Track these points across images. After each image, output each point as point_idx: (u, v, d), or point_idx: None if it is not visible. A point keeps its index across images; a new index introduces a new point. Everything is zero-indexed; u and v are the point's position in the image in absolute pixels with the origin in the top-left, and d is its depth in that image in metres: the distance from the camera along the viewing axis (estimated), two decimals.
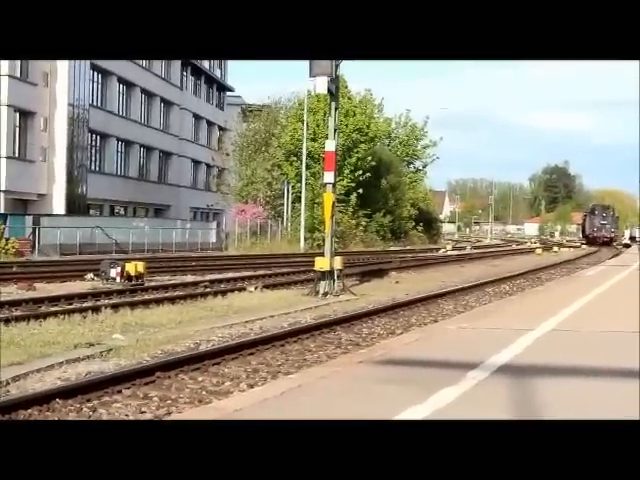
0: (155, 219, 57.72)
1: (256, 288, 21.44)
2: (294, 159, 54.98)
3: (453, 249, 61.50)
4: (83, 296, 18.35)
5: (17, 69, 45.02)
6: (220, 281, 24.11)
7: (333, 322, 15.14)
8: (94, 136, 54.27)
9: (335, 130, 22.03)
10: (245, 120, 64.37)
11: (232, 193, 59.71)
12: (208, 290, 20.91)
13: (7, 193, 44.26)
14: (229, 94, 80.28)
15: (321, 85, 20.17)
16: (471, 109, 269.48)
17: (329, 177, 21.77)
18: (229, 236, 53.40)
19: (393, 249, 55.41)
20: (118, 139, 58.06)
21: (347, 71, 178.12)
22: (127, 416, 7.95)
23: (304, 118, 52.15)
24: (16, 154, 45.74)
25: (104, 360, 10.89)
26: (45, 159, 47.63)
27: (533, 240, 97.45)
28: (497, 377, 7.29)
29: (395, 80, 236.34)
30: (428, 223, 76.71)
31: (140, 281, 21.34)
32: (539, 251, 57.23)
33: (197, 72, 71.94)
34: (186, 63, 68.03)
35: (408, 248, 58.47)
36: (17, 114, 45.75)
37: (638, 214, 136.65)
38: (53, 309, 15.75)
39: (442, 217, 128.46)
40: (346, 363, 8.46)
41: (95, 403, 8.37)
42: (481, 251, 58.31)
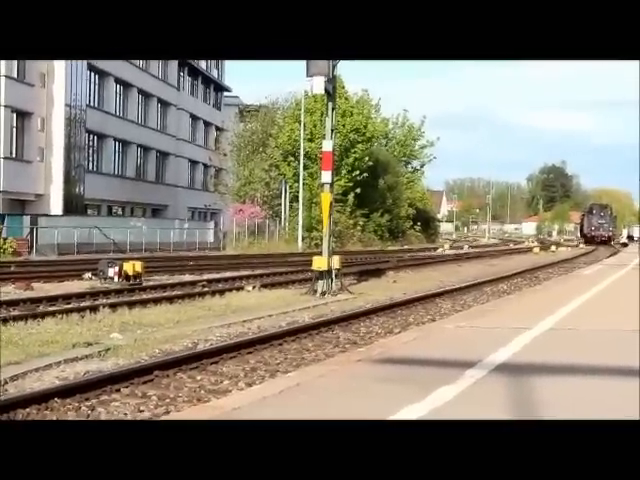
0: (153, 219, 57.73)
1: (254, 287, 21.45)
2: (291, 159, 55.02)
3: (451, 248, 61.62)
4: (81, 296, 18.35)
5: (14, 70, 44.99)
6: (218, 280, 24.12)
7: (331, 321, 15.15)
8: (91, 136, 54.25)
9: (332, 130, 22.04)
10: (242, 120, 64.41)
11: (230, 193, 59.75)
12: (206, 289, 20.91)
13: (5, 193, 44.22)
14: (226, 94, 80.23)
15: (318, 85, 20.18)
16: (470, 108, 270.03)
17: (326, 177, 21.78)
18: (227, 236, 53.40)
19: (391, 249, 55.43)
20: (115, 139, 58.03)
21: (346, 70, 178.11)
22: (126, 415, 7.95)
23: (301, 118, 52.18)
24: (13, 154, 45.72)
25: (102, 359, 10.89)
26: (42, 159, 47.59)
27: (531, 239, 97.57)
28: (495, 376, 7.29)
29: (394, 79, 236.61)
30: (426, 223, 76.77)
31: (138, 281, 21.35)
32: (537, 250, 57.31)
33: (194, 72, 71.90)
34: (183, 63, 67.98)
35: (406, 248, 58.50)
36: (14, 114, 45.71)
37: (636, 213, 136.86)
38: (51, 309, 15.74)
39: (440, 217, 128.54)
40: (344, 362, 8.46)
41: (94, 402, 8.37)
42: (479, 250, 58.33)
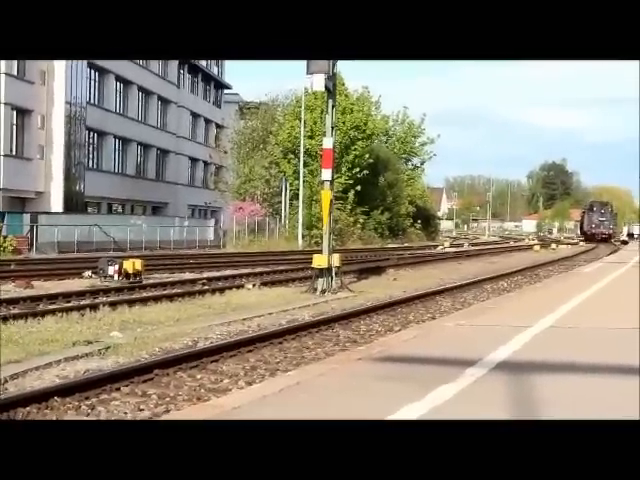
0: (153, 217, 57.72)
1: (254, 285, 21.45)
2: (292, 157, 54.99)
3: (451, 246, 61.53)
4: (81, 294, 18.35)
5: (14, 67, 44.99)
6: (218, 279, 24.11)
7: (331, 319, 15.14)
8: (91, 134, 54.24)
9: (332, 127, 22.03)
10: (242, 118, 64.41)
11: (230, 191, 59.76)
12: (206, 288, 20.90)
13: (5, 191, 44.22)
14: (226, 92, 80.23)
15: (318, 83, 20.18)
16: (471, 106, 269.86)
17: (327, 174, 21.77)
18: (227, 234, 53.40)
19: (391, 246, 55.40)
20: (115, 137, 58.02)
21: (347, 68, 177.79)
22: (126, 414, 7.95)
23: (301, 116, 52.15)
24: (13, 152, 45.73)
25: (102, 358, 10.89)
26: (42, 157, 47.60)
27: (531, 237, 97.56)
28: (495, 374, 7.30)
29: (395, 77, 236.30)
30: (426, 220, 76.72)
31: (138, 279, 21.34)
32: (537, 248, 57.25)
33: (194, 70, 71.88)
34: (183, 61, 67.95)
35: (406, 245, 58.47)
36: (14, 112, 45.72)
37: (636, 210, 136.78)
38: (51, 307, 15.74)
39: (440, 214, 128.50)
40: (344, 360, 8.47)
41: (94, 401, 8.37)
42: (479, 248, 58.29)
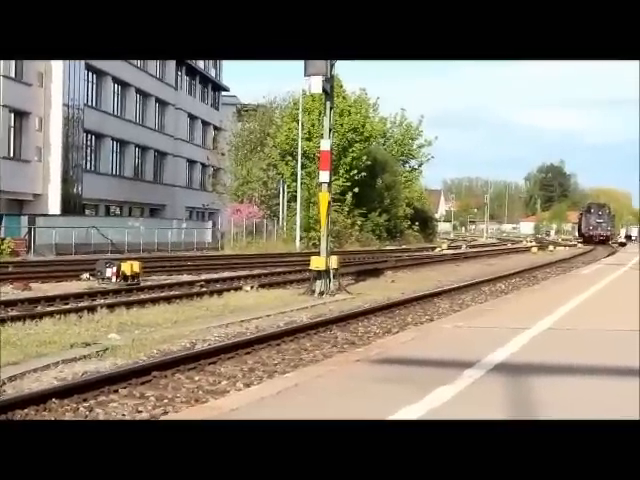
0: (151, 219, 57.66)
1: (252, 287, 21.44)
2: (289, 158, 55.01)
3: (449, 248, 61.58)
4: (79, 296, 18.33)
5: (12, 69, 44.95)
6: (216, 280, 24.10)
7: (329, 321, 15.13)
8: (89, 136, 54.21)
9: (330, 129, 22.04)
10: (240, 120, 64.42)
11: (228, 193, 59.76)
12: (204, 289, 20.89)
13: (2, 193, 44.12)
14: (224, 94, 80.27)
15: (316, 84, 20.18)
16: (470, 107, 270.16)
17: (324, 176, 21.77)
18: (225, 236, 53.37)
19: (389, 248, 55.43)
20: (113, 139, 58.01)
21: (346, 69, 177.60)
22: (124, 416, 7.94)
23: (299, 118, 52.16)
24: (11, 154, 45.68)
25: (100, 360, 10.88)
26: (40, 159, 47.55)
27: (529, 239, 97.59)
28: (493, 376, 7.29)
29: (394, 78, 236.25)
30: (424, 222, 76.78)
31: (136, 281, 21.34)
32: (535, 250, 57.31)
33: (192, 72, 71.91)
34: (181, 63, 67.97)
35: (404, 247, 58.49)
36: (12, 114, 45.68)
37: (634, 213, 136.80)
38: (49, 309, 15.73)
39: (438, 216, 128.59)
40: (342, 362, 8.46)
41: (92, 403, 8.36)
42: (477, 250, 58.33)
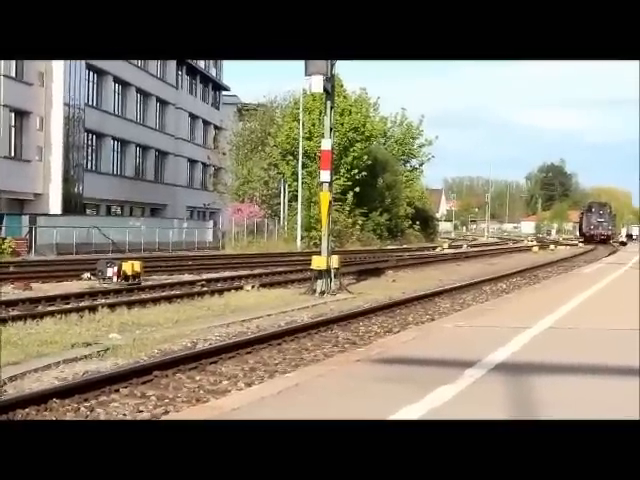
0: (151, 218, 57.71)
1: (253, 287, 21.44)
2: (290, 158, 55.00)
3: (450, 247, 61.55)
4: (80, 296, 18.33)
5: (12, 69, 44.97)
6: (217, 280, 24.10)
7: (330, 321, 15.13)
8: (90, 135, 54.24)
9: (331, 129, 22.04)
10: (241, 119, 64.46)
11: (229, 192, 59.78)
12: (205, 289, 20.90)
13: (3, 193, 44.18)
14: (225, 93, 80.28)
15: (317, 84, 20.19)
16: (470, 107, 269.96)
17: (325, 176, 21.77)
18: (226, 235, 53.38)
19: (390, 248, 55.42)
20: (114, 138, 58.04)
21: (346, 68, 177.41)
22: (125, 415, 7.94)
23: (300, 117, 52.16)
24: (12, 154, 45.71)
25: (101, 359, 10.88)
26: (41, 159, 47.56)
27: (530, 238, 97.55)
28: (494, 375, 7.29)
29: (394, 78, 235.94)
30: (425, 222, 76.76)
31: (137, 280, 21.34)
32: (536, 249, 57.30)
33: (192, 71, 71.91)
34: (181, 62, 67.96)
35: (405, 247, 58.47)
36: (13, 114, 45.71)
37: (635, 212, 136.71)
38: (50, 309, 15.73)
39: (439, 215, 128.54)
40: (343, 362, 8.46)
41: (92, 403, 8.36)
42: (478, 249, 58.31)
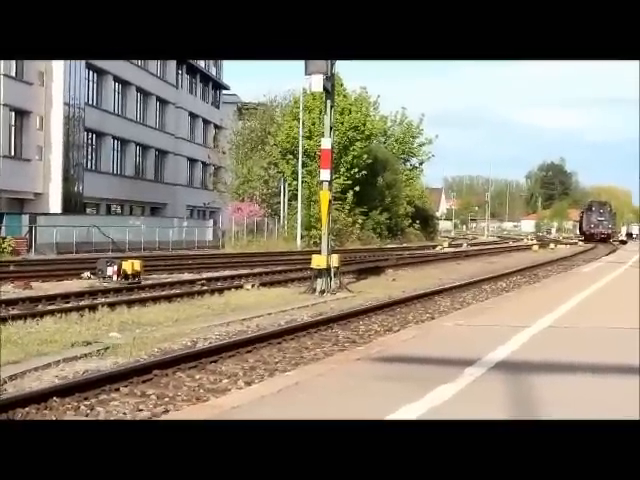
0: (151, 217, 57.70)
1: (253, 286, 21.44)
2: (290, 157, 54.98)
3: (450, 246, 61.52)
4: (80, 295, 18.34)
5: (12, 68, 44.94)
6: (217, 279, 24.10)
7: (330, 319, 15.14)
8: (90, 135, 54.22)
9: (331, 128, 22.05)
10: (241, 118, 64.44)
11: (228, 191, 59.77)
12: (205, 288, 20.90)
13: (3, 192, 44.18)
14: (225, 92, 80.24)
15: (317, 83, 20.19)
16: (470, 107, 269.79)
17: (325, 175, 21.78)
18: (226, 234, 53.35)
19: (390, 247, 55.40)
20: (114, 138, 58.02)
21: (346, 68, 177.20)
22: (125, 414, 7.95)
23: (300, 116, 52.15)
24: (12, 153, 45.70)
25: (101, 358, 10.89)
26: (41, 158, 47.55)
27: (530, 237, 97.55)
28: (494, 374, 7.30)
29: (394, 78, 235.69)
30: (425, 220, 76.78)
31: (137, 279, 21.34)
32: (536, 248, 57.29)
33: (192, 71, 71.89)
34: (181, 62, 67.93)
35: (405, 245, 58.48)
36: (13, 113, 45.69)
37: (635, 211, 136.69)
38: (50, 308, 15.73)
39: (439, 214, 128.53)
40: (343, 360, 8.47)
41: (93, 401, 8.37)
42: (478, 248, 58.30)
